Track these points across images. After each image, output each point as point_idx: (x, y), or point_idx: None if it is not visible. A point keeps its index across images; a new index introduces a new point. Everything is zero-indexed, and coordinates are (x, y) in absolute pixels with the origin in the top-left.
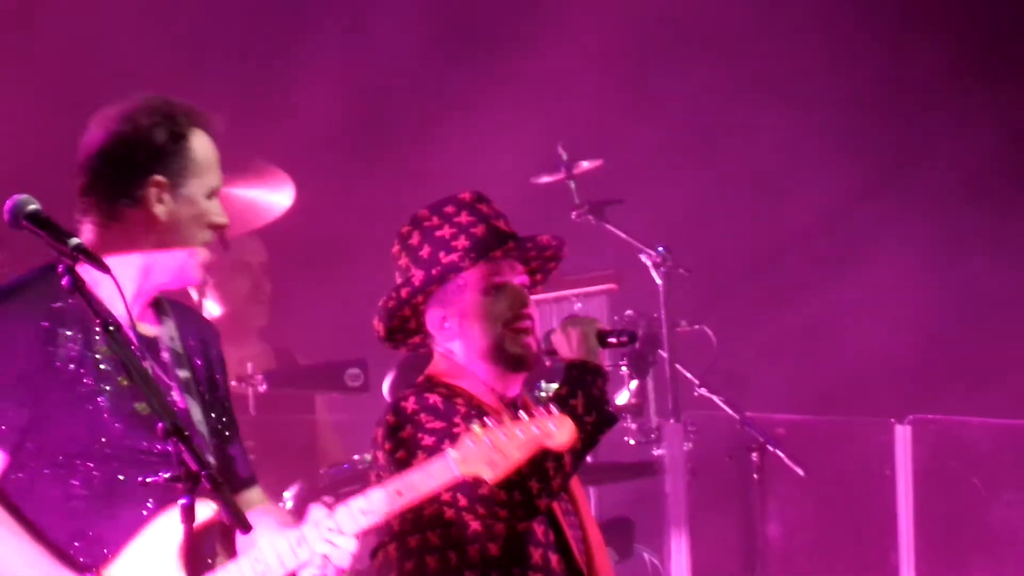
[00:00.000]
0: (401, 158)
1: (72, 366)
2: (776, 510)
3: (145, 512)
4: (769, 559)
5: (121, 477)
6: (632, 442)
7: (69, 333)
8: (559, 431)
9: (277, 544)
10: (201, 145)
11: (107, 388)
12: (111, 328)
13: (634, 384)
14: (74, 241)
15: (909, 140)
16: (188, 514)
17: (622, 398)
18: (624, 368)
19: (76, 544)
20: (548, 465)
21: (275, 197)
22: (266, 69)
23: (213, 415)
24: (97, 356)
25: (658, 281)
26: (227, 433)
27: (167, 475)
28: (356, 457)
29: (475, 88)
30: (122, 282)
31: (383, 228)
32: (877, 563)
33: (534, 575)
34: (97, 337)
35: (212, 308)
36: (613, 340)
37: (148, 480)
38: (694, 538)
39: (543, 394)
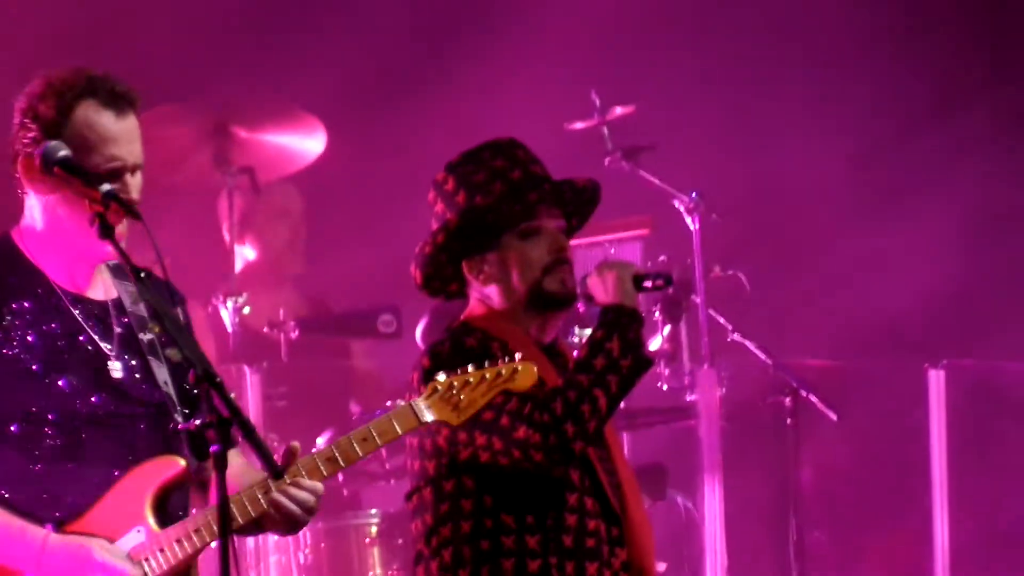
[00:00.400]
0: (434, 105)
1: (29, 338)
2: (809, 455)
3: (116, 472)
4: (802, 504)
5: (84, 436)
6: (665, 387)
7: (25, 304)
8: (521, 374)
9: (245, 493)
10: (92, 119)
11: (65, 353)
12: (143, 276)
13: (667, 330)
14: (105, 187)
15: (946, 83)
16: (220, 461)
17: (655, 344)
18: (657, 314)
19: (39, 504)
20: (583, 408)
21: (308, 143)
22: (297, 14)
23: (178, 378)
24: (54, 325)
25: (692, 226)
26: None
27: (199, 422)
28: (389, 403)
29: (509, 33)
30: (56, 250)
31: (415, 175)
32: (910, 507)
33: (570, 517)
34: (54, 304)
35: (248, 254)
36: (649, 284)
37: (179, 428)
38: (727, 483)
39: (577, 339)
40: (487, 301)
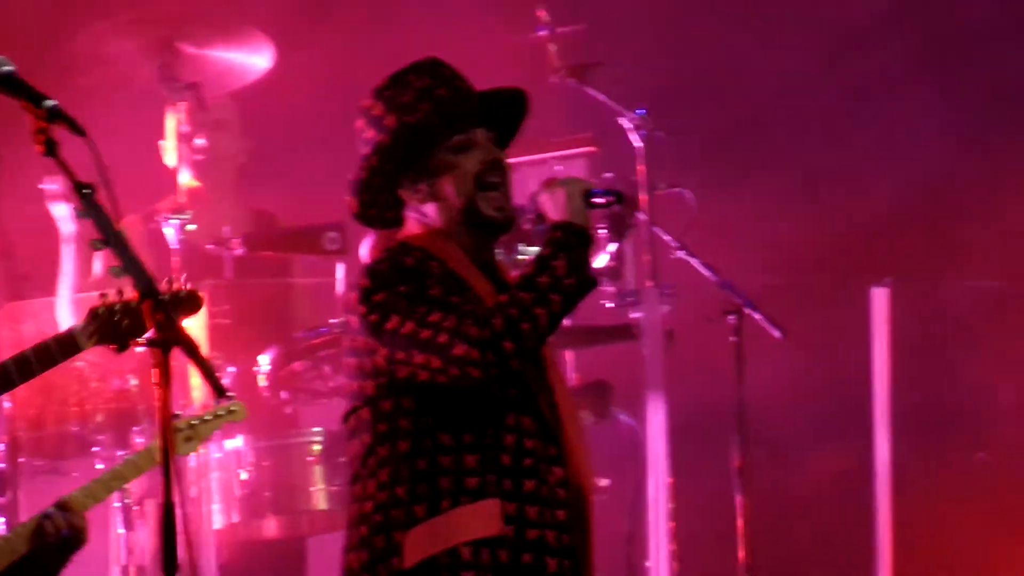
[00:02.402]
0: (382, 20)
1: None
2: (753, 372)
3: None
4: (745, 422)
5: None
6: (610, 305)
7: None
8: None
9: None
10: None
11: None
12: (86, 191)
13: (612, 247)
14: (49, 103)
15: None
16: (165, 378)
17: (600, 261)
18: (602, 231)
19: None
20: (523, 326)
21: (254, 59)
22: None
23: None
24: None
25: (637, 143)
26: None
27: (145, 338)
28: (333, 321)
29: None
30: None
31: (362, 90)
32: (853, 424)
33: (508, 436)
34: None
35: (190, 169)
36: (600, 200)
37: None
38: (671, 400)
39: (522, 258)
40: (425, 220)
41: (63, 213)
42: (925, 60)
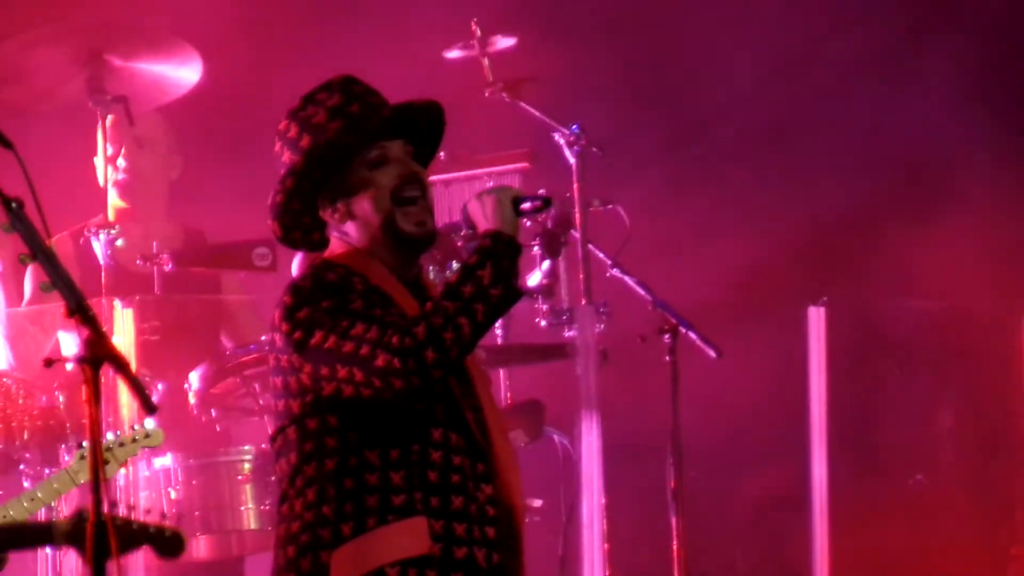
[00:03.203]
0: (309, 34)
1: None
2: (689, 392)
3: None
4: (680, 443)
5: None
6: (543, 323)
7: None
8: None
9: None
10: None
11: None
12: (14, 206)
13: (546, 264)
14: None
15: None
16: (95, 395)
17: (534, 279)
18: (536, 248)
19: None
20: (446, 336)
21: (183, 72)
22: None
23: None
24: None
25: (571, 160)
26: None
27: (72, 355)
28: (263, 338)
29: None
30: None
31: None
32: (788, 444)
33: (435, 452)
34: None
35: (119, 185)
36: (527, 205)
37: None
38: (605, 420)
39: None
40: (346, 239)
41: None
42: (861, 75)
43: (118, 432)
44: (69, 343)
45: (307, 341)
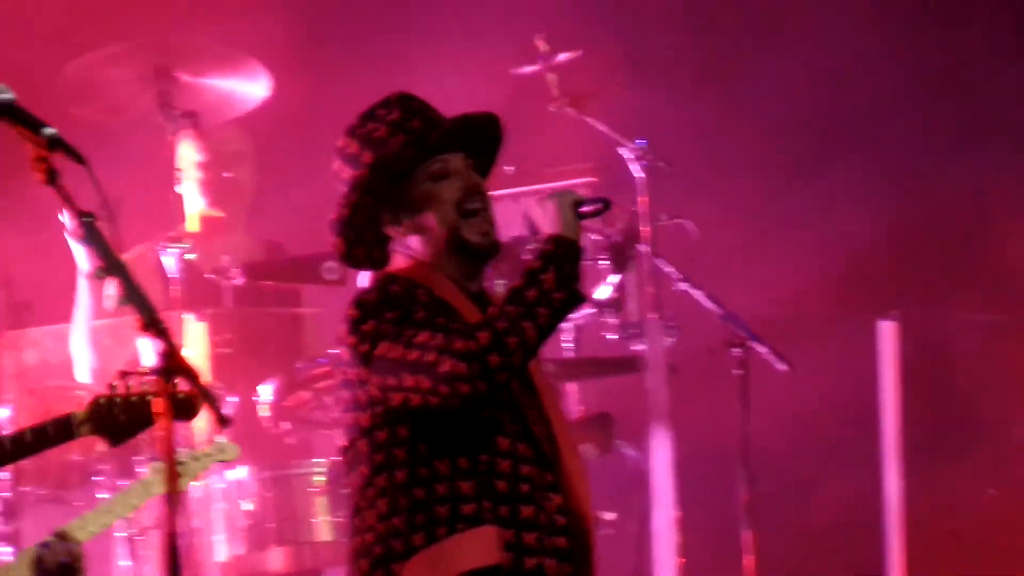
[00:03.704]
0: (377, 49)
1: None
2: (758, 405)
3: None
4: (751, 456)
5: None
6: (613, 337)
7: None
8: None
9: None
10: None
11: None
12: (87, 220)
13: (615, 279)
14: (48, 131)
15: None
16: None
17: (602, 293)
18: (605, 263)
19: None
20: (510, 340)
21: (251, 88)
22: None
23: None
24: None
25: (638, 174)
26: None
27: (147, 369)
28: (333, 352)
29: None
30: None
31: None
32: (860, 460)
33: (503, 462)
34: None
35: (198, 198)
36: (588, 208)
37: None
38: (676, 434)
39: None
40: (409, 252)
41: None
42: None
43: (195, 446)
44: (148, 354)
45: (373, 352)
